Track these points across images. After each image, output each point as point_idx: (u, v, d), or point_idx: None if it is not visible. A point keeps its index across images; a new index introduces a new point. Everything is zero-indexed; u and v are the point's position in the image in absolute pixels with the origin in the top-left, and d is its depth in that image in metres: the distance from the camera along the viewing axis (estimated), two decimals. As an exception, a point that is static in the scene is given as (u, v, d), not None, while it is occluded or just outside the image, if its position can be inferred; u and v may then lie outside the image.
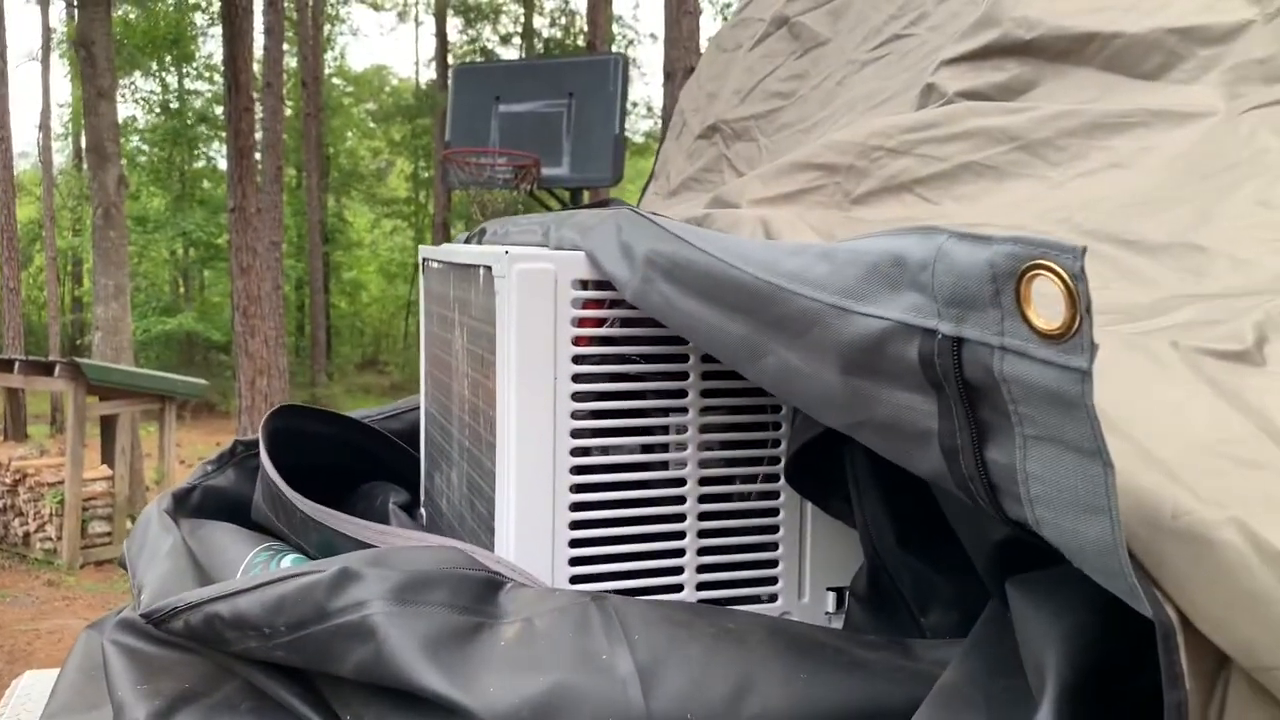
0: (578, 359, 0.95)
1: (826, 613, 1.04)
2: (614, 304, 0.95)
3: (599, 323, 0.95)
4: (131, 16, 18.77)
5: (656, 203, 1.95)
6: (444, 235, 20.39)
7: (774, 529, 1.02)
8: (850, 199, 1.05)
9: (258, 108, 13.08)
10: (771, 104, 1.70)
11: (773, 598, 1.02)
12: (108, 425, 8.98)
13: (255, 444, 1.43)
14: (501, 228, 1.35)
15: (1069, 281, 0.45)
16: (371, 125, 26.23)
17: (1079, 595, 0.61)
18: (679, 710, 0.74)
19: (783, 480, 1.01)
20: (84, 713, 1.11)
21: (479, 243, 1.45)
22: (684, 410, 0.98)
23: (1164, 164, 0.88)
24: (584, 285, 0.94)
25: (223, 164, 20.35)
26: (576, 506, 0.96)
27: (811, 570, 1.03)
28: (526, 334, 0.93)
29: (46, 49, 18.25)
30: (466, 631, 0.80)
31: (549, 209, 9.85)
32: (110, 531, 8.52)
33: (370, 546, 0.97)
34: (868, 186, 1.04)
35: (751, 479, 1.01)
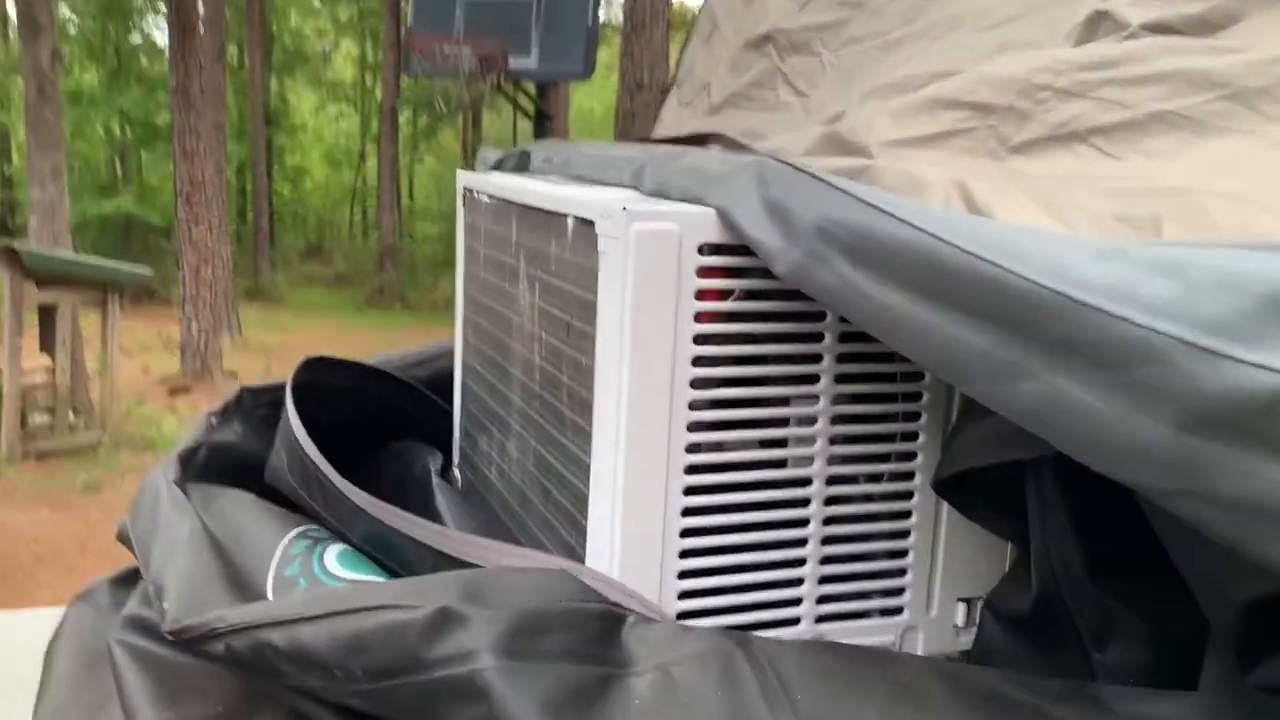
0: (700, 339, 0.79)
1: (955, 625, 0.91)
2: (738, 272, 0.79)
3: (722, 295, 0.79)
4: (60, -127, 17.55)
5: (693, 118, 1.76)
6: (393, 122, 19.72)
7: (904, 534, 0.88)
8: (1007, 147, 0.89)
9: (198, -20, 12.37)
10: (838, 14, 1.51)
11: (898, 610, 0.89)
12: (46, 314, 8.60)
13: (264, 392, 1.26)
14: (558, 154, 1.16)
15: None
16: (316, 4, 25.13)
17: None
18: (863, 792, 0.61)
19: (917, 480, 0.87)
20: (85, 713, 0.96)
21: (520, 169, 1.27)
22: (813, 398, 0.83)
23: None
24: (711, 250, 0.78)
25: (160, 38, 19.39)
26: (690, 511, 0.81)
27: (942, 580, 0.90)
28: (643, 309, 0.76)
29: (-33, -94, 17.06)
30: (593, 687, 0.65)
31: (516, 103, 9.47)
32: (52, 424, 8.23)
33: (443, 555, 0.81)
34: (1031, 133, 0.87)
35: (877, 477, 0.87)
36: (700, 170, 0.82)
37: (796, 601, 0.86)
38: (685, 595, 0.82)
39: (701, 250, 0.77)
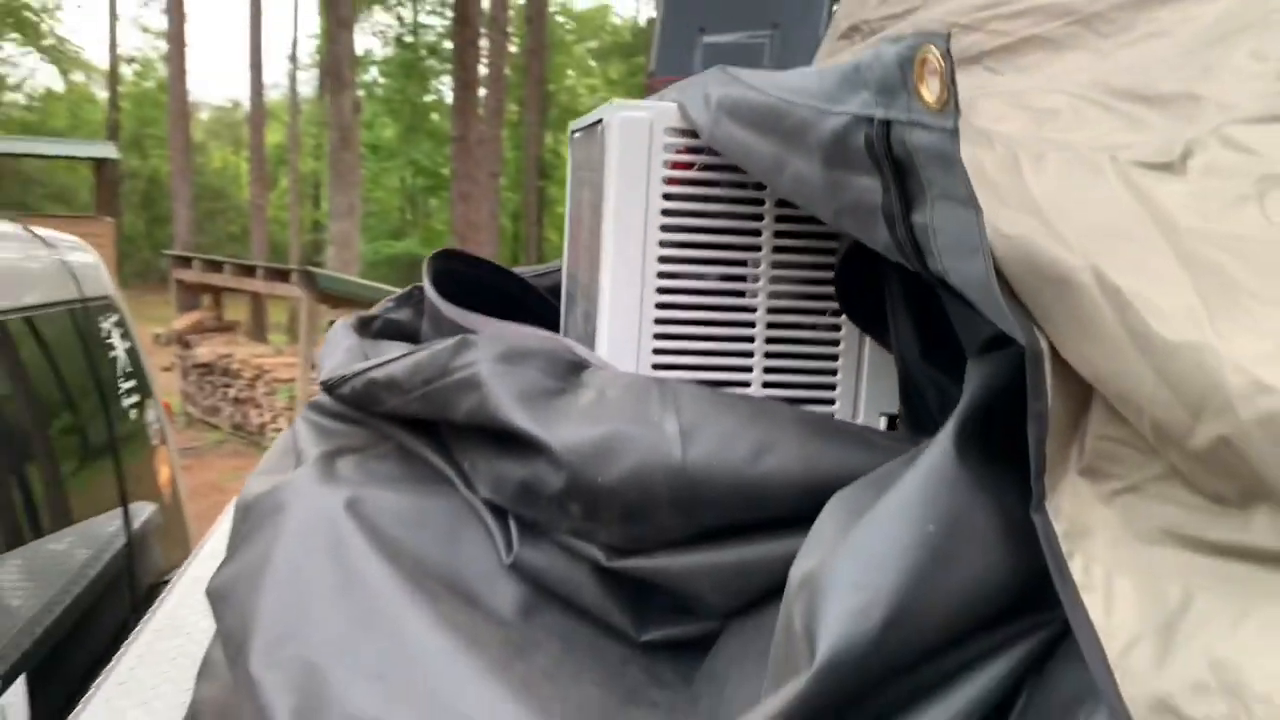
0: (667, 197, 1.13)
1: (879, 434, 1.19)
2: (698, 150, 1.13)
3: (688, 168, 1.13)
4: (373, -47, 19.85)
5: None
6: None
7: (834, 357, 1.18)
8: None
9: (484, 42, 13.66)
10: (909, 4, 1.81)
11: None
12: (335, 331, 9.79)
13: (429, 290, 1.68)
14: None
15: (942, 61, 0.60)
16: (591, 64, 26.81)
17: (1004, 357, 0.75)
18: (707, 461, 0.93)
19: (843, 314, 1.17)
20: (279, 472, 1.39)
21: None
22: (757, 248, 1.15)
23: (1195, 32, 0.98)
24: (677, 133, 1.12)
25: (450, 97, 21.39)
26: (660, 322, 1.15)
27: (866, 397, 1.19)
28: (625, 175, 1.12)
29: (298, -16, 19.59)
30: (552, 392, 1.00)
31: (748, 141, 9.93)
32: (333, 428, 9.34)
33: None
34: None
35: (819, 312, 1.17)
36: (680, 85, 1.17)
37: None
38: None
39: (668, 132, 1.12)
